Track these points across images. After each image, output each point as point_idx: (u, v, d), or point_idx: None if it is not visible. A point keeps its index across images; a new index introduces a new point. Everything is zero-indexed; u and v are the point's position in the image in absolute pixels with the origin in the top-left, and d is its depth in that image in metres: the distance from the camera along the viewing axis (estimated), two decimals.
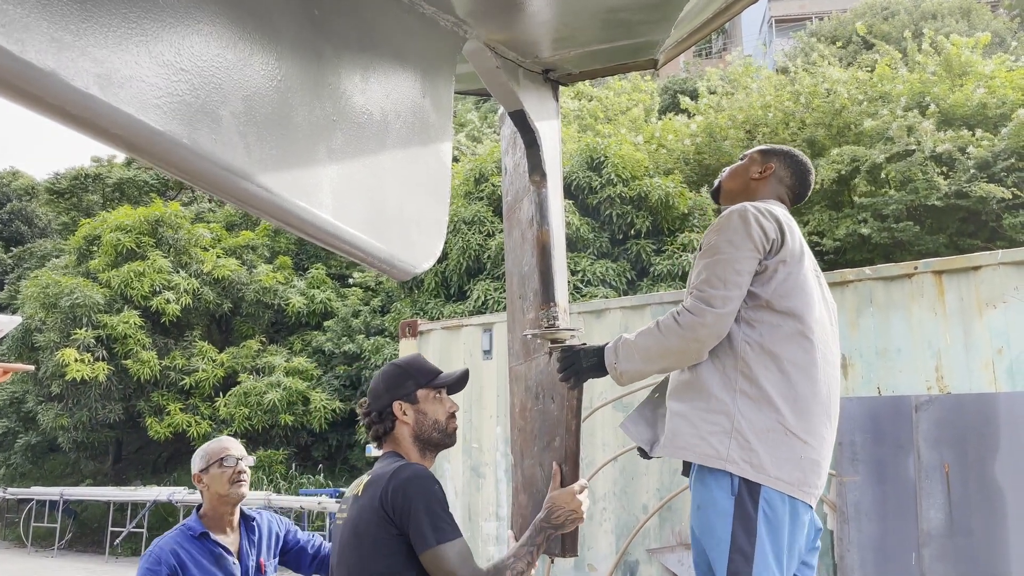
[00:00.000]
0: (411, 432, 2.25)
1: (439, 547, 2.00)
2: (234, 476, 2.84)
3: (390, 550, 2.04)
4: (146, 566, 2.72)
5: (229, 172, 1.18)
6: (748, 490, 2.03)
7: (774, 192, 2.46)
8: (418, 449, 2.25)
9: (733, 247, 2.13)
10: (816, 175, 10.42)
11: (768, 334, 2.12)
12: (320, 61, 1.43)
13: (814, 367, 2.13)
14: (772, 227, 2.16)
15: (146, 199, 20.97)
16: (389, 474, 2.10)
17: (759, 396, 2.08)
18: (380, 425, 2.26)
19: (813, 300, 2.18)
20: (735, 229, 2.15)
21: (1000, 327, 3.82)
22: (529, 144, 2.52)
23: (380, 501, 2.06)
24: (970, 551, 3.63)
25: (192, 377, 15.59)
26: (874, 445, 3.93)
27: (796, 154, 2.52)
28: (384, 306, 15.86)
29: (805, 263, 2.20)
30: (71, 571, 13.07)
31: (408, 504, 2.03)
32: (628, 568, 4.54)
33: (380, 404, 2.27)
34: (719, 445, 2.07)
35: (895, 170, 10.68)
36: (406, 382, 2.28)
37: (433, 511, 2.04)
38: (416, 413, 2.25)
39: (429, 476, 2.13)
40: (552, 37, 2.39)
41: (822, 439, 2.14)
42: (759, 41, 27.73)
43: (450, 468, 5.34)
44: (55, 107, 0.94)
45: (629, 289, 11.97)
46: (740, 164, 2.55)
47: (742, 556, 2.00)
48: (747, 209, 2.18)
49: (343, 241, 1.46)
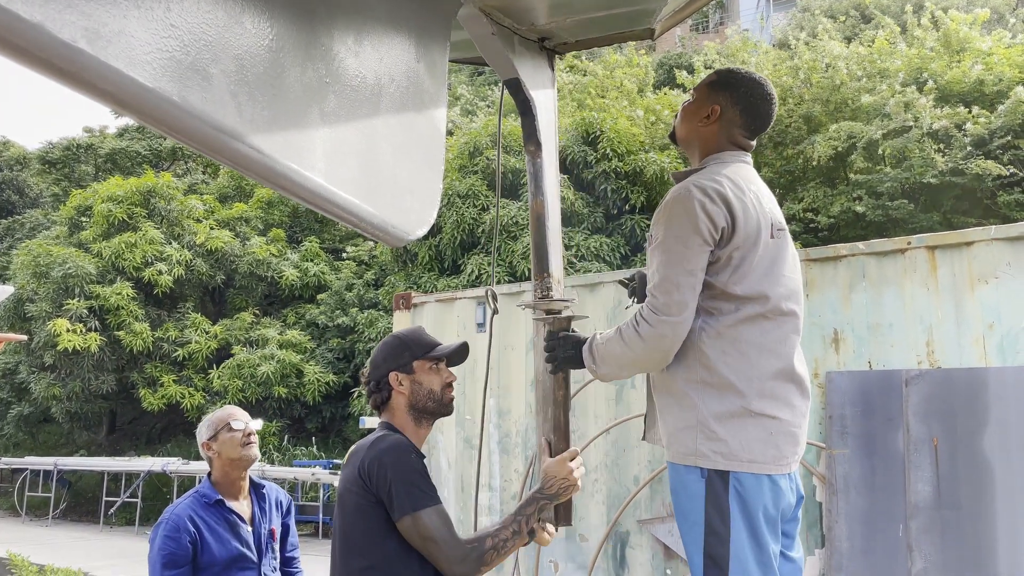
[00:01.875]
0: (406, 402, 2.28)
1: (416, 513, 2.04)
2: (244, 439, 2.87)
3: (369, 518, 2.08)
4: (165, 533, 2.72)
5: (220, 132, 1.17)
6: (719, 475, 2.03)
7: (726, 136, 2.26)
8: (413, 418, 2.28)
9: (681, 244, 2.05)
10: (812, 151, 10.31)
11: (726, 319, 2.07)
12: (313, 21, 1.41)
13: (777, 343, 2.10)
14: (721, 213, 2.04)
15: (139, 170, 20.83)
16: (368, 444, 2.16)
17: (720, 383, 2.06)
18: (378, 395, 2.30)
19: (773, 276, 2.11)
20: (681, 223, 2.05)
21: (992, 303, 3.84)
22: (524, 113, 2.50)
23: (359, 470, 2.10)
24: (957, 524, 3.67)
25: (185, 349, 15.60)
26: (864, 419, 3.96)
27: (747, 84, 2.27)
28: (378, 279, 15.85)
29: (761, 239, 2.10)
30: (65, 540, 13.15)
31: (384, 472, 2.06)
32: (619, 538, 4.58)
33: (378, 374, 2.31)
34: (688, 440, 2.07)
35: (891, 147, 10.67)
36: (403, 353, 2.31)
37: (409, 479, 2.07)
38: (411, 383, 2.28)
39: (407, 446, 2.16)
40: (548, 4, 2.37)
41: (793, 408, 2.11)
42: (757, 15, 27.52)
43: (443, 440, 5.36)
44: (42, 60, 0.93)
45: (623, 264, 11.98)
46: (689, 105, 2.34)
47: (717, 538, 2.00)
48: (692, 195, 2.05)
49: (336, 205, 1.44)
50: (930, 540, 3.70)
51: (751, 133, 2.30)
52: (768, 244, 2.13)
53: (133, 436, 18.67)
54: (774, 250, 2.15)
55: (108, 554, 11.75)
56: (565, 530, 4.71)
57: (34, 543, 11.81)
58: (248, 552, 2.82)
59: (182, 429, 17.19)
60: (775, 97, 2.33)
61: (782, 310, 2.12)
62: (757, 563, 2.00)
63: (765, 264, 2.11)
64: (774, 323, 2.10)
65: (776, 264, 2.14)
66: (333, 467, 13.18)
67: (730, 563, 1.98)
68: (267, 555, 2.87)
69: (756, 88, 2.26)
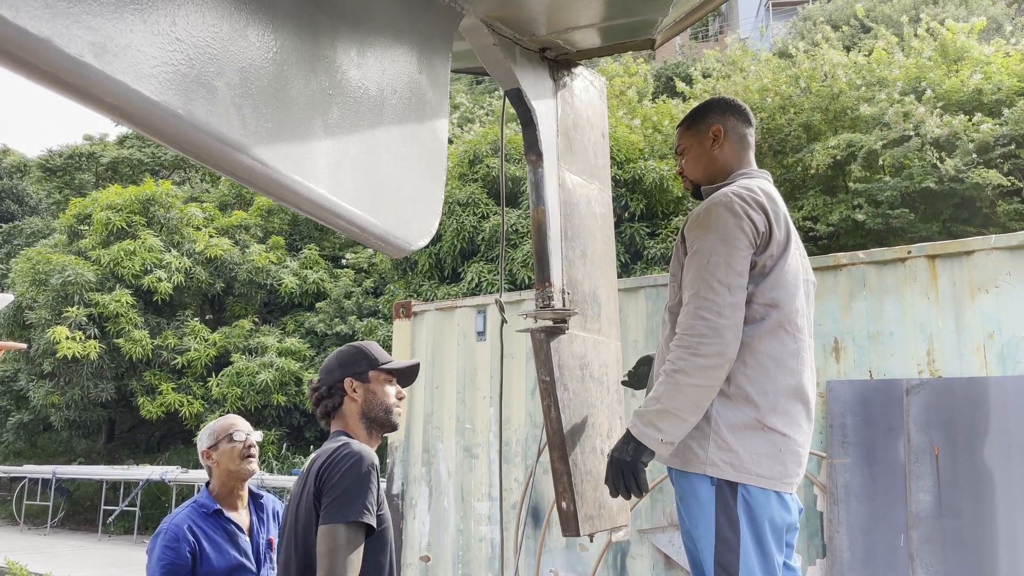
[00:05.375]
0: (359, 410, 2.28)
1: (336, 525, 1.99)
2: (244, 451, 2.85)
3: (315, 524, 2.06)
4: (164, 543, 2.69)
5: (224, 144, 1.17)
6: (728, 484, 2.03)
7: (739, 150, 2.31)
8: (365, 427, 2.29)
9: (728, 245, 2.02)
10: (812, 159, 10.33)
11: (749, 329, 2.06)
12: (316, 34, 1.42)
13: (792, 357, 2.10)
14: (761, 219, 2.06)
15: (139, 178, 20.84)
16: (332, 450, 2.13)
17: (736, 393, 2.05)
18: (329, 400, 2.29)
19: (797, 288, 2.13)
20: (725, 226, 2.03)
21: (992, 312, 3.84)
22: (525, 123, 2.50)
23: (316, 475, 2.09)
24: (958, 533, 3.67)
25: (184, 356, 15.57)
26: (865, 428, 3.95)
27: (720, 101, 2.39)
28: (377, 287, 15.85)
29: (791, 249, 2.13)
30: (64, 549, 13.11)
31: (333, 478, 2.04)
32: (619, 548, 4.57)
33: (332, 379, 2.31)
34: (699, 449, 2.05)
35: (891, 156, 10.68)
36: (360, 361, 2.32)
37: (353, 490, 2.03)
38: (366, 392, 2.29)
39: (368, 459, 2.11)
40: (549, 15, 2.38)
41: (800, 428, 2.12)
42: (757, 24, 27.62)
43: (443, 448, 5.36)
44: (49, 75, 0.93)
45: (623, 272, 11.97)
46: (690, 152, 2.37)
47: (727, 546, 2.00)
48: (733, 201, 2.06)
49: (338, 216, 1.45)
50: (931, 549, 3.69)
51: (752, 141, 2.37)
52: (795, 253, 2.17)
53: (132, 444, 18.63)
54: (797, 263, 2.18)
55: (106, 563, 11.71)
56: (566, 539, 4.70)
57: (32, 552, 11.77)
58: (247, 562, 2.81)
59: (181, 437, 17.16)
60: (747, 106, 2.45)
61: (796, 324, 2.13)
62: (764, 573, 2.00)
63: (791, 275, 2.13)
64: (790, 336, 2.11)
65: (797, 277, 2.16)
66: None
67: (740, 571, 1.98)
68: (265, 565, 2.87)
69: (730, 101, 2.39)
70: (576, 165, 2.67)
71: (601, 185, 2.87)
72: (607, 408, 2.62)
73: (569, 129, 2.67)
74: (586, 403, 2.49)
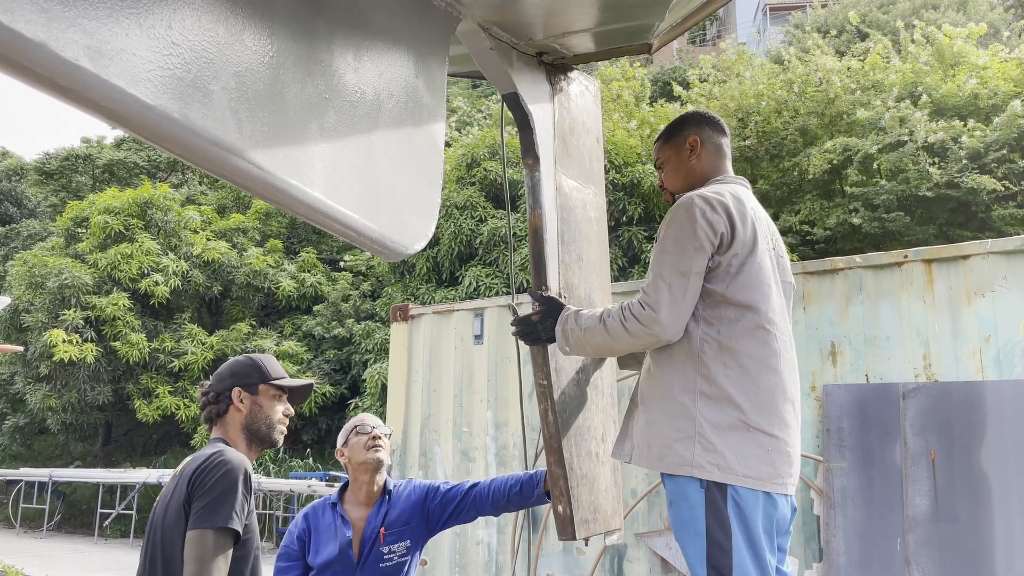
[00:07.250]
0: (243, 420, 2.29)
1: (205, 531, 1.98)
2: (370, 442, 2.93)
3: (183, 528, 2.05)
4: (289, 527, 2.95)
5: (220, 148, 1.17)
6: (717, 487, 2.03)
7: (715, 159, 2.39)
8: (245, 439, 2.29)
9: (677, 245, 2.09)
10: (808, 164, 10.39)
11: (726, 330, 2.09)
12: (313, 38, 1.42)
13: (774, 357, 2.11)
14: (721, 220, 2.09)
15: (136, 181, 20.85)
16: (206, 456, 2.13)
17: (718, 395, 2.06)
18: (215, 406, 2.30)
19: (771, 288, 2.15)
20: (680, 227, 2.11)
21: (988, 316, 3.85)
22: (523, 127, 2.50)
23: (188, 480, 2.08)
24: (955, 537, 3.67)
25: (181, 360, 15.55)
26: (861, 432, 3.96)
27: (698, 113, 2.47)
28: (375, 291, 15.84)
29: (759, 249, 2.15)
30: (60, 552, 13.07)
31: (206, 484, 2.04)
32: (616, 551, 4.57)
33: (222, 386, 2.31)
34: (684, 451, 2.06)
35: (887, 160, 10.71)
36: (252, 373, 2.33)
37: (223, 497, 2.03)
38: (252, 404, 2.30)
39: (240, 467, 2.11)
40: (546, 19, 2.38)
41: (788, 427, 2.12)
42: (753, 29, 27.67)
43: (440, 452, 5.35)
44: (44, 78, 0.93)
45: (620, 276, 11.98)
46: (669, 164, 2.46)
47: (719, 549, 2.00)
48: (693, 202, 2.12)
49: (335, 220, 1.45)
50: (928, 553, 3.70)
51: (728, 151, 2.43)
52: (765, 255, 2.17)
53: (128, 447, 18.59)
54: (770, 266, 2.19)
55: (103, 566, 11.68)
56: (563, 543, 4.70)
57: (29, 555, 11.74)
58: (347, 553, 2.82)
59: (177, 440, 17.14)
60: (722, 118, 2.52)
61: (776, 323, 2.14)
62: (758, 575, 2.00)
63: (764, 276, 2.14)
64: (771, 335, 2.12)
65: (771, 278, 2.17)
66: (330, 479, 13.12)
67: (733, 574, 1.98)
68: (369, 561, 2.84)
69: (706, 114, 2.46)
70: (572, 169, 2.67)
71: (596, 189, 2.88)
72: (601, 412, 2.62)
73: (565, 133, 2.67)
74: (582, 407, 2.49)
